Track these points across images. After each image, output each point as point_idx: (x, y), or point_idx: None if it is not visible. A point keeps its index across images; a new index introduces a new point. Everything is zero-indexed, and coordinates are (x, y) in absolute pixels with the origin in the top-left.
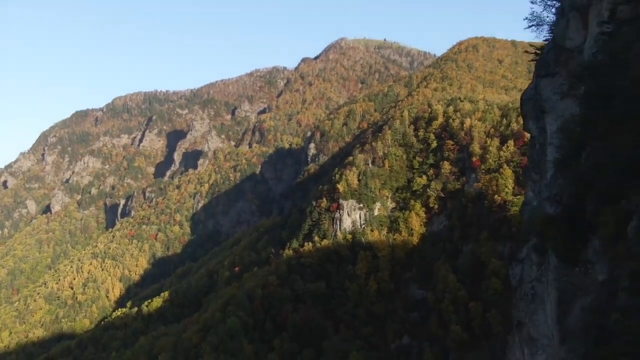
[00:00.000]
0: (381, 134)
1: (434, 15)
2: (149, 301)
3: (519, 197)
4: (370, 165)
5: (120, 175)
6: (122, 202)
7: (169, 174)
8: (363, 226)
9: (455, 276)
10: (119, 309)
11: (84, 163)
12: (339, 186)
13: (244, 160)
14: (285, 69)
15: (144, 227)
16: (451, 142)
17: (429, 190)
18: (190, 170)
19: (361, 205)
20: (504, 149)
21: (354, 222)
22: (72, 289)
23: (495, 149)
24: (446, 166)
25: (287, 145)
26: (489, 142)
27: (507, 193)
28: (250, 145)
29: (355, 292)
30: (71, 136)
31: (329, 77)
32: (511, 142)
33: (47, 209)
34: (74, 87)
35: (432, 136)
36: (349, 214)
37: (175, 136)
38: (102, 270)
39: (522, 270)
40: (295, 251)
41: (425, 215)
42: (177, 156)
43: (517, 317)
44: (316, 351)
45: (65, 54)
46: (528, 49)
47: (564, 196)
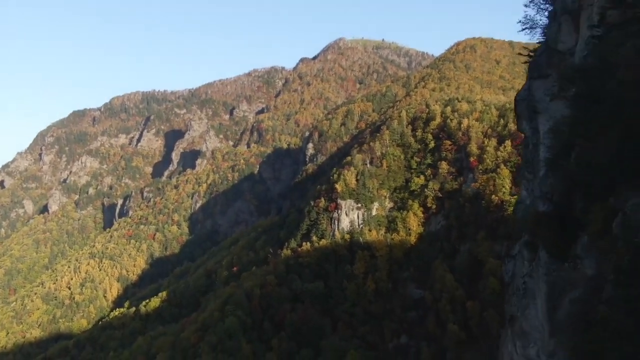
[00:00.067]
0: (379, 134)
1: (432, 15)
2: (146, 301)
3: (516, 197)
4: (368, 165)
5: (118, 175)
6: (120, 202)
7: (167, 173)
8: (361, 226)
9: (452, 276)
10: (117, 309)
11: (81, 163)
12: (337, 186)
13: (242, 160)
14: (283, 69)
15: (141, 227)
16: (449, 142)
17: (426, 190)
18: (189, 170)
19: (359, 205)
20: (501, 149)
21: (352, 222)
22: (69, 289)
23: (492, 149)
24: (444, 166)
25: (285, 145)
26: (486, 142)
27: (504, 193)
28: (248, 145)
29: (353, 291)
30: (69, 136)
31: (327, 77)
32: (508, 143)
33: (44, 209)
34: (72, 87)
35: (430, 136)
36: (347, 214)
37: (173, 136)
38: (100, 270)
39: (515, 266)
40: (294, 251)
41: (422, 215)
42: (175, 156)
43: (509, 311)
44: (314, 350)
45: (63, 53)
46: (525, 50)
47: (555, 194)
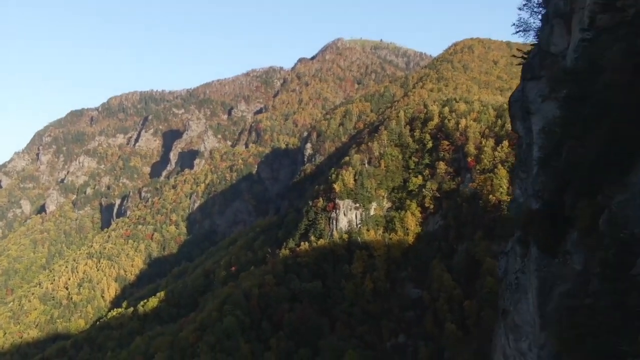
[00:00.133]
0: (377, 134)
1: (431, 16)
2: (144, 301)
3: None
4: (367, 165)
5: (116, 175)
6: (118, 202)
7: (165, 173)
8: (359, 226)
9: (450, 275)
10: (115, 309)
11: (79, 163)
12: (335, 186)
13: (240, 160)
14: (281, 69)
15: (139, 227)
16: (446, 143)
17: (424, 190)
18: (187, 170)
19: (357, 205)
20: (498, 149)
21: (350, 222)
22: (67, 289)
23: (490, 149)
24: (441, 166)
25: (283, 145)
26: (484, 142)
27: (501, 193)
28: (246, 145)
29: (351, 291)
30: (66, 136)
31: (326, 77)
32: (506, 143)
33: (41, 209)
34: (70, 86)
35: (428, 136)
36: (345, 214)
37: (171, 136)
38: (98, 270)
39: (507, 262)
40: (292, 251)
41: (420, 215)
42: (173, 156)
43: (502, 306)
44: (312, 350)
45: (61, 53)
46: (521, 50)
47: (545, 192)
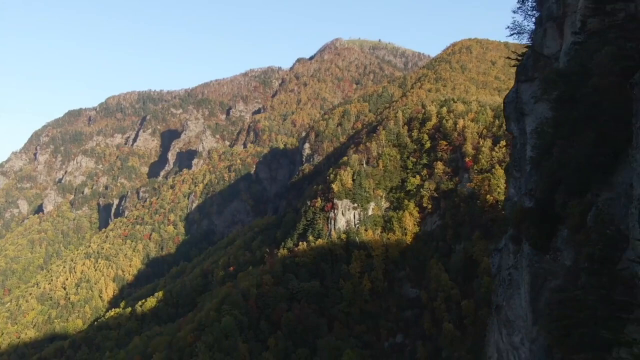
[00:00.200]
0: (375, 135)
1: (429, 16)
2: (142, 301)
3: None
4: (365, 165)
5: (114, 175)
6: (116, 202)
7: (163, 173)
8: (357, 226)
9: (447, 275)
10: (113, 309)
11: (76, 163)
12: (333, 186)
13: (238, 160)
14: (280, 69)
15: (137, 227)
16: (444, 143)
17: (422, 190)
18: (185, 170)
19: (355, 205)
20: (496, 149)
21: (348, 222)
22: (64, 289)
23: (487, 149)
24: (439, 166)
25: (281, 146)
26: (481, 142)
27: (499, 193)
28: (244, 145)
29: (349, 291)
30: (64, 135)
31: (324, 77)
32: (503, 143)
33: (39, 209)
34: (67, 86)
35: (426, 137)
36: (343, 214)
37: (169, 136)
38: (96, 270)
39: (501, 259)
40: (290, 250)
41: (418, 215)
42: (171, 156)
43: (496, 301)
44: (310, 349)
45: (59, 53)
46: (515, 52)
47: (538, 191)
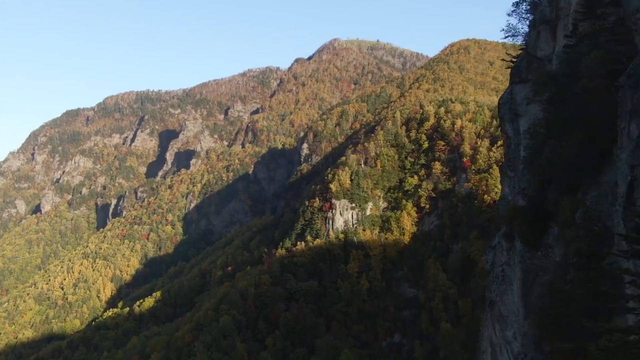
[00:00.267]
0: (373, 135)
1: (427, 16)
2: (140, 301)
3: None
4: (363, 165)
5: (112, 175)
6: (114, 202)
7: (161, 173)
8: (355, 226)
9: (445, 275)
10: (111, 309)
11: (74, 163)
12: (331, 186)
13: (236, 160)
14: (278, 69)
15: (135, 227)
16: (442, 143)
17: (420, 190)
18: (183, 170)
19: (353, 205)
20: (493, 149)
21: (346, 222)
22: (62, 289)
23: (485, 149)
24: (437, 166)
25: (280, 146)
26: (479, 142)
27: (496, 193)
28: (243, 145)
29: (347, 290)
30: (62, 135)
31: (322, 77)
32: (501, 143)
33: (37, 209)
34: (65, 86)
35: (424, 137)
36: (341, 214)
37: (167, 136)
38: (93, 270)
39: (494, 256)
40: (288, 250)
41: (416, 215)
42: (170, 156)
43: (489, 297)
44: (308, 349)
45: (58, 52)
46: (510, 54)
47: (530, 189)
